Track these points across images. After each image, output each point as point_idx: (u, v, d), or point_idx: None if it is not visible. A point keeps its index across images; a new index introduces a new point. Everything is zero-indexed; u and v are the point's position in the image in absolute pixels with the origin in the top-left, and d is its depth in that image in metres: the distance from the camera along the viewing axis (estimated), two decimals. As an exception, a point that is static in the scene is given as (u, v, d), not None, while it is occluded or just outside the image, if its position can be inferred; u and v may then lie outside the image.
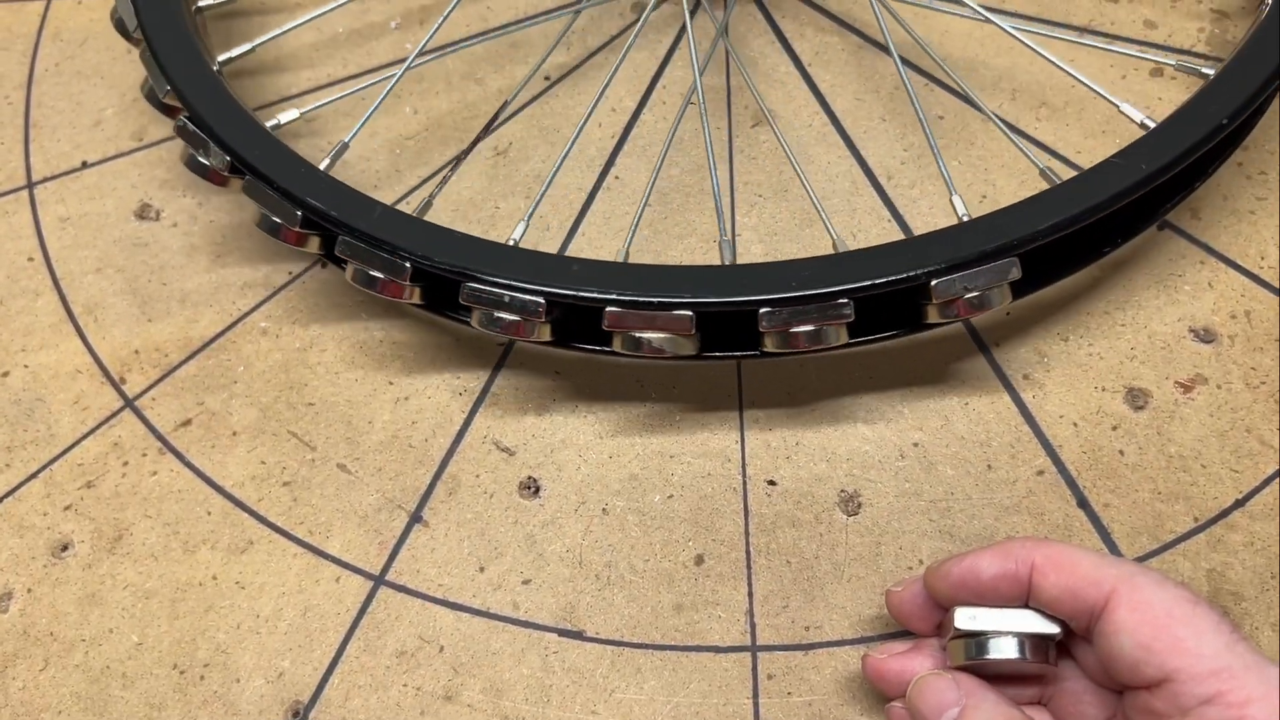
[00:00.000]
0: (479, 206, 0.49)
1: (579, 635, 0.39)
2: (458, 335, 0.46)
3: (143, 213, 0.50)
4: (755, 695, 0.38)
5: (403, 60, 0.51)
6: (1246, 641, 0.29)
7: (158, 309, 0.48)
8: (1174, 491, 0.40)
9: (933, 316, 0.38)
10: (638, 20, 0.53)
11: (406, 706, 0.38)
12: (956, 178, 0.48)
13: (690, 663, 0.39)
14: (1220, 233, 0.45)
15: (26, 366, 0.47)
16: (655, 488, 0.42)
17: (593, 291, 0.38)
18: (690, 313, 0.37)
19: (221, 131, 0.42)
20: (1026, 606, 0.33)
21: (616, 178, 0.49)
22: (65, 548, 0.43)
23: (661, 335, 0.38)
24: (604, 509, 0.42)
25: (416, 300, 0.41)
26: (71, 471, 0.44)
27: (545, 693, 0.38)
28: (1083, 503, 0.40)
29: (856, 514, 0.41)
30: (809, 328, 0.37)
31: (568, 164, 0.50)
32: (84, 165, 0.52)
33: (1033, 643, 0.32)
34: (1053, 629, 0.32)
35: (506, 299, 0.38)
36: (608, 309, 0.38)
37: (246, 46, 0.49)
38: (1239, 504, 0.40)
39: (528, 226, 0.42)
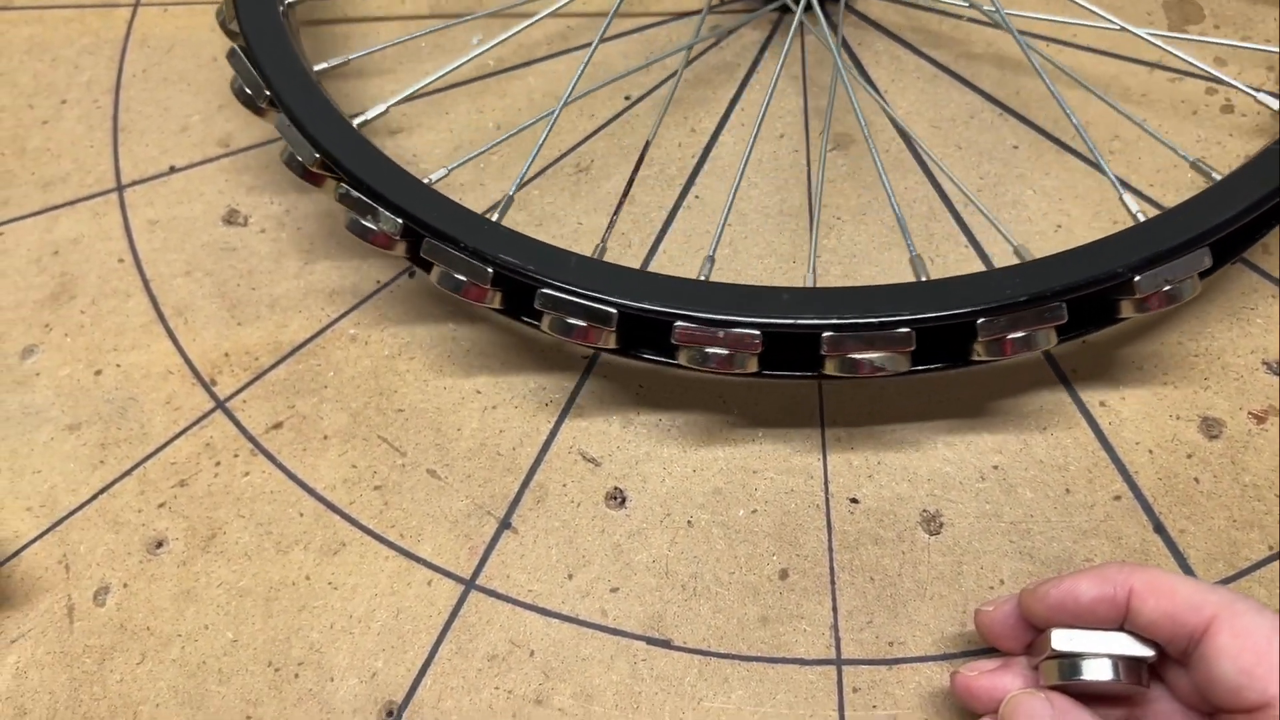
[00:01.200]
0: (561, 221, 0.50)
1: (667, 644, 0.40)
2: (543, 347, 0.47)
3: (230, 218, 0.52)
4: (841, 708, 0.39)
5: (484, 75, 0.53)
6: None
7: (247, 313, 0.49)
8: (1249, 520, 0.41)
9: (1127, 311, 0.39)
10: (716, 42, 0.54)
11: (499, 709, 0.39)
12: (1031, 207, 0.49)
13: (776, 674, 0.40)
14: (1291, 268, 0.47)
15: (119, 366, 0.48)
16: (739, 502, 0.43)
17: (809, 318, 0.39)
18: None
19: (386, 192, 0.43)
20: (1121, 630, 0.34)
21: (697, 197, 0.51)
22: (160, 544, 0.44)
23: (881, 355, 0.38)
24: (689, 521, 0.43)
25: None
26: (164, 470, 0.45)
27: (634, 699, 0.39)
28: (1159, 528, 0.41)
29: (938, 533, 0.42)
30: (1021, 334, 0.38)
31: (648, 183, 0.51)
32: (171, 170, 0.53)
33: (1127, 665, 0.33)
34: (1148, 652, 0.33)
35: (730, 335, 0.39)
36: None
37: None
38: (1313, 534, 0.41)
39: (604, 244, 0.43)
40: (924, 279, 0.41)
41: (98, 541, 0.44)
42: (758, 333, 0.39)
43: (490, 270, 0.40)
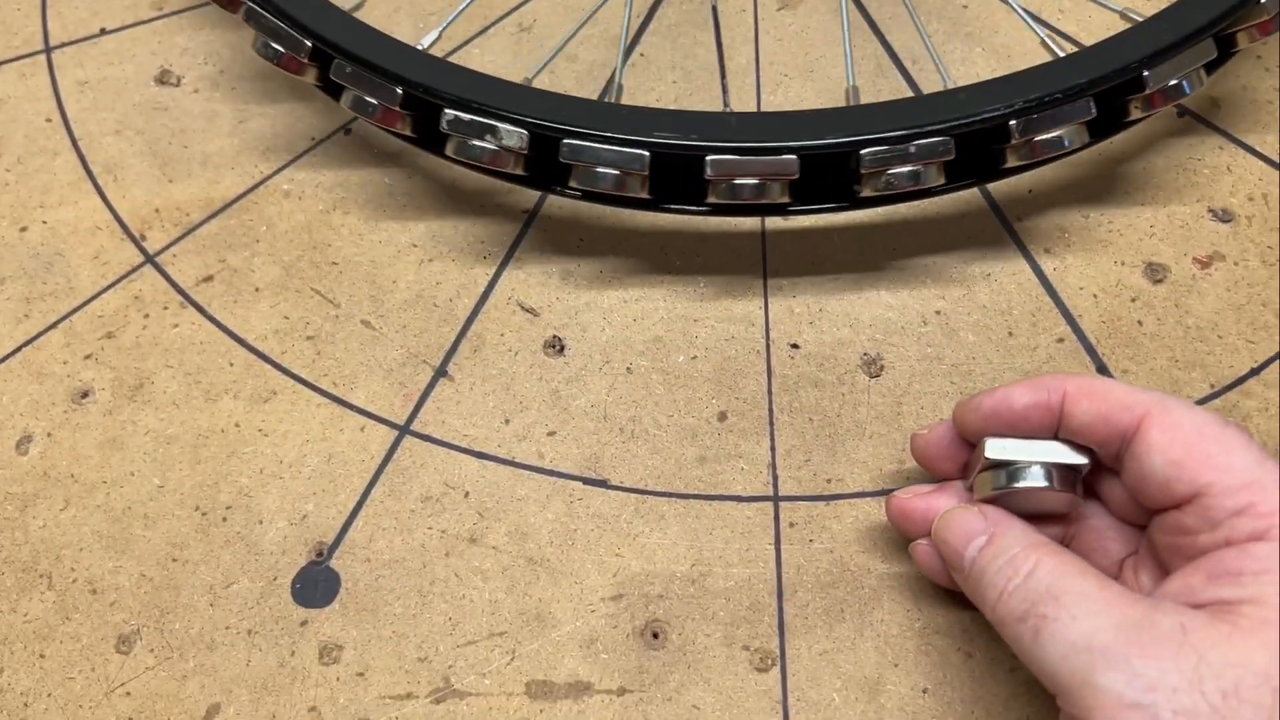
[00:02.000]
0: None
1: (603, 484, 0.40)
2: (483, 201, 0.46)
3: (163, 78, 0.50)
4: (777, 542, 0.38)
5: (429, -67, 0.51)
6: (1274, 460, 0.30)
7: (179, 170, 0.47)
8: (1191, 360, 0.41)
9: (1012, 160, 0.39)
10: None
11: (431, 548, 0.39)
12: (979, 64, 0.48)
13: (713, 511, 0.39)
14: (1239, 120, 0.46)
15: (45, 222, 0.46)
16: (679, 349, 0.42)
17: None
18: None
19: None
20: (1056, 438, 0.33)
21: (642, 55, 0.49)
22: (85, 395, 0.42)
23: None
24: (628, 368, 0.42)
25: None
26: (91, 323, 0.44)
27: (569, 536, 0.39)
28: (1102, 369, 0.41)
29: (879, 376, 0.41)
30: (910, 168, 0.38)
31: (593, 41, 0.50)
32: (102, 32, 0.52)
33: (1061, 472, 0.33)
34: (1081, 459, 0.33)
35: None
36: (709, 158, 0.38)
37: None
38: (1254, 372, 0.40)
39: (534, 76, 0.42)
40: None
41: (20, 392, 0.43)
42: (793, 158, 0.38)
43: (400, 91, 0.39)
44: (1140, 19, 0.41)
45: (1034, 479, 0.33)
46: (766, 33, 0.50)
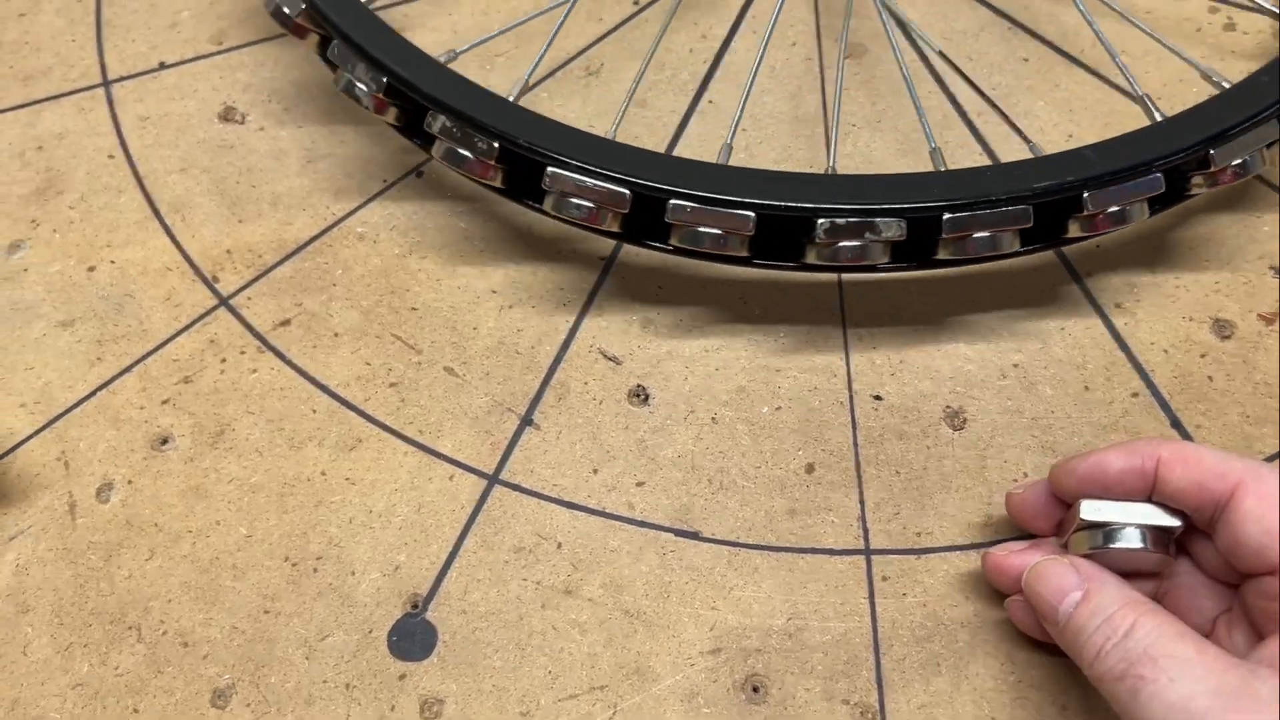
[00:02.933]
0: (572, 124, 0.49)
1: (695, 535, 0.40)
2: (560, 247, 0.46)
3: (227, 115, 0.50)
4: (871, 595, 0.39)
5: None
6: None
7: (248, 210, 0.47)
8: (1261, 415, 0.42)
9: (1074, 231, 0.40)
10: (728, -49, 0.54)
11: (527, 599, 0.39)
12: (1042, 117, 0.49)
13: (806, 564, 0.40)
14: (1295, 179, 0.48)
15: (113, 262, 0.46)
16: (763, 399, 0.43)
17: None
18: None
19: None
20: (1149, 500, 0.34)
21: (710, 102, 0.50)
22: (165, 441, 0.42)
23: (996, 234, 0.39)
24: (713, 418, 0.42)
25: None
26: (167, 367, 0.43)
27: (665, 589, 0.39)
28: (1176, 424, 0.42)
29: (961, 429, 0.42)
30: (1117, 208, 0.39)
31: (660, 87, 0.50)
32: (161, 66, 0.51)
33: (1154, 534, 0.34)
34: (1174, 521, 0.34)
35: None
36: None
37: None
38: (1322, 429, 0.42)
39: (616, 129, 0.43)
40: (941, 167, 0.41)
41: (98, 438, 0.42)
42: (896, 220, 0.39)
43: (497, 145, 0.40)
44: (1227, 84, 0.42)
45: (1128, 540, 0.34)
46: (832, 81, 0.50)
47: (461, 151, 0.41)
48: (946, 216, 0.39)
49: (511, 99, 0.42)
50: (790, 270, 0.43)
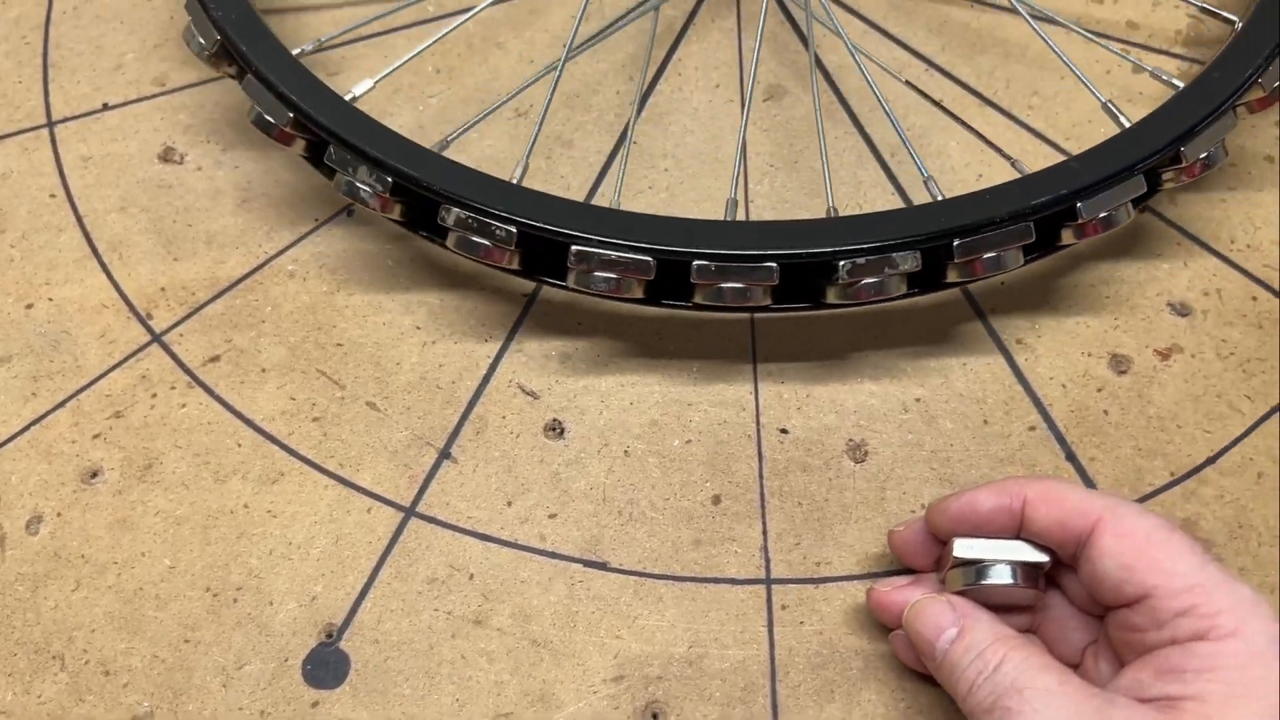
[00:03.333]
0: (503, 165, 0.51)
1: (603, 566, 0.41)
2: (483, 285, 0.48)
3: (166, 156, 0.51)
4: (770, 624, 0.40)
5: (425, 20, 0.53)
6: (1217, 563, 0.33)
7: (184, 249, 0.49)
8: (1153, 449, 0.44)
9: (952, 276, 0.41)
10: (655, -5, 0.56)
11: (438, 629, 0.40)
12: (955, 157, 0.51)
13: (709, 593, 0.41)
14: (1194, 217, 0.49)
15: (51, 300, 0.47)
16: (674, 433, 0.44)
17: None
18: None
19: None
20: (1019, 538, 0.36)
21: (635, 143, 0.52)
22: (95, 474, 0.43)
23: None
24: (626, 451, 0.44)
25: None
26: (99, 402, 0.45)
27: (571, 618, 0.40)
28: (1070, 456, 0.44)
29: (863, 461, 0.44)
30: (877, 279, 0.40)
31: (587, 128, 0.52)
32: (105, 107, 0.53)
33: (1024, 570, 0.36)
34: (1042, 557, 0.36)
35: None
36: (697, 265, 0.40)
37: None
38: (1210, 461, 0.43)
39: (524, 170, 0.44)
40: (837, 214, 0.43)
41: (30, 472, 0.43)
42: (773, 265, 0.40)
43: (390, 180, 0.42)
44: (1128, 123, 0.44)
45: (999, 576, 0.35)
46: (753, 123, 0.52)
47: (360, 186, 0.42)
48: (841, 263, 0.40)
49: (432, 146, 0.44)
50: (688, 310, 0.45)
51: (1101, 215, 0.41)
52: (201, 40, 0.46)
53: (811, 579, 0.41)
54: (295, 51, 0.46)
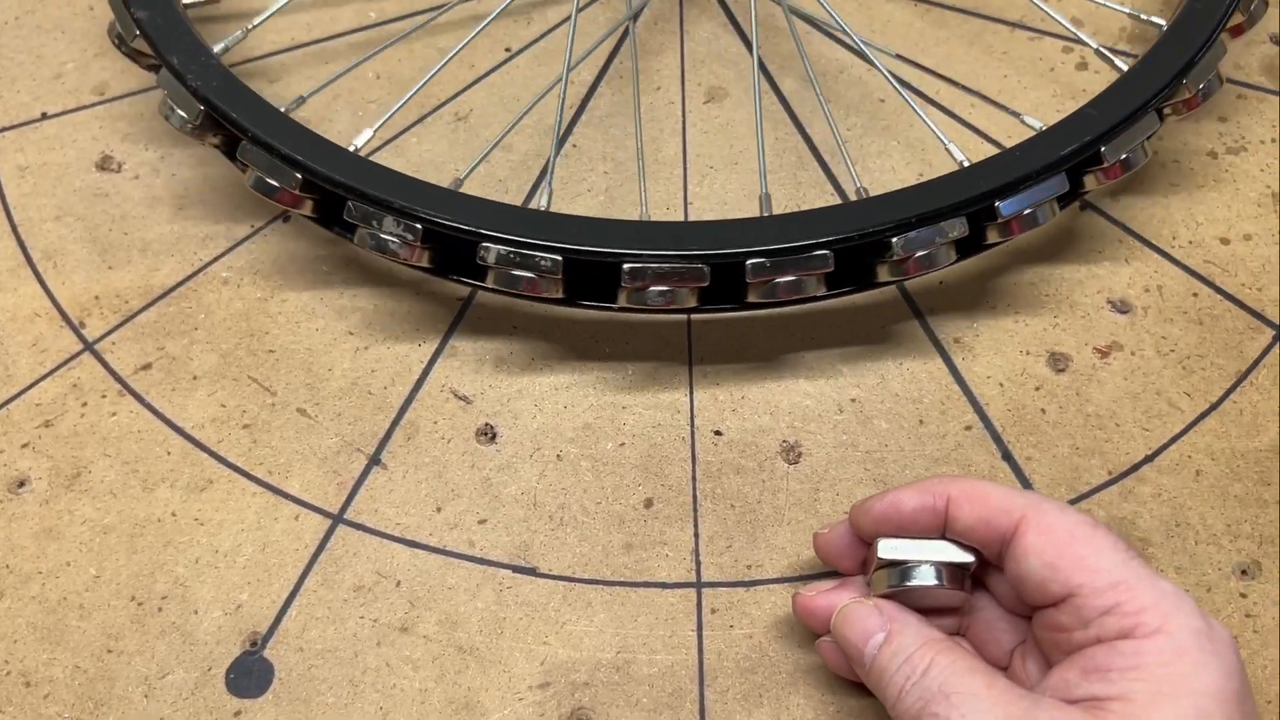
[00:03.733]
0: (440, 169, 0.50)
1: (532, 571, 0.41)
2: (418, 290, 0.47)
3: (104, 164, 0.51)
4: (700, 628, 0.40)
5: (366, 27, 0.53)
6: (1141, 559, 0.32)
7: (119, 257, 0.48)
8: (1090, 447, 0.43)
9: (883, 275, 0.41)
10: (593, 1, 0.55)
11: (363, 637, 0.40)
12: (895, 156, 0.51)
13: (638, 598, 0.41)
14: (1136, 214, 0.49)
15: (-17, 309, 0.47)
16: (608, 436, 0.44)
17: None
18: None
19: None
20: (944, 538, 0.35)
21: (575, 146, 0.51)
22: (22, 484, 0.43)
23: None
24: (558, 455, 0.43)
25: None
26: (29, 411, 0.45)
27: (499, 625, 0.40)
28: (1007, 455, 0.43)
29: (797, 463, 0.43)
30: (791, 278, 0.40)
31: (527, 132, 0.52)
32: (44, 116, 0.53)
33: (949, 571, 0.35)
34: (967, 558, 0.35)
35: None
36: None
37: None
38: (1148, 459, 0.43)
39: (466, 178, 0.44)
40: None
41: (-43, 482, 0.43)
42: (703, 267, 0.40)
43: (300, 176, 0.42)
44: (1040, 128, 0.43)
45: (924, 578, 0.35)
46: (694, 125, 0.52)
47: (270, 181, 0.42)
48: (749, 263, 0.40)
49: (354, 148, 0.44)
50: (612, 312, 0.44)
51: (1025, 211, 0.41)
52: (183, 114, 0.44)
53: (742, 582, 0.41)
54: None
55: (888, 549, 0.35)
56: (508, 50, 0.54)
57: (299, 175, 0.42)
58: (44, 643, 0.40)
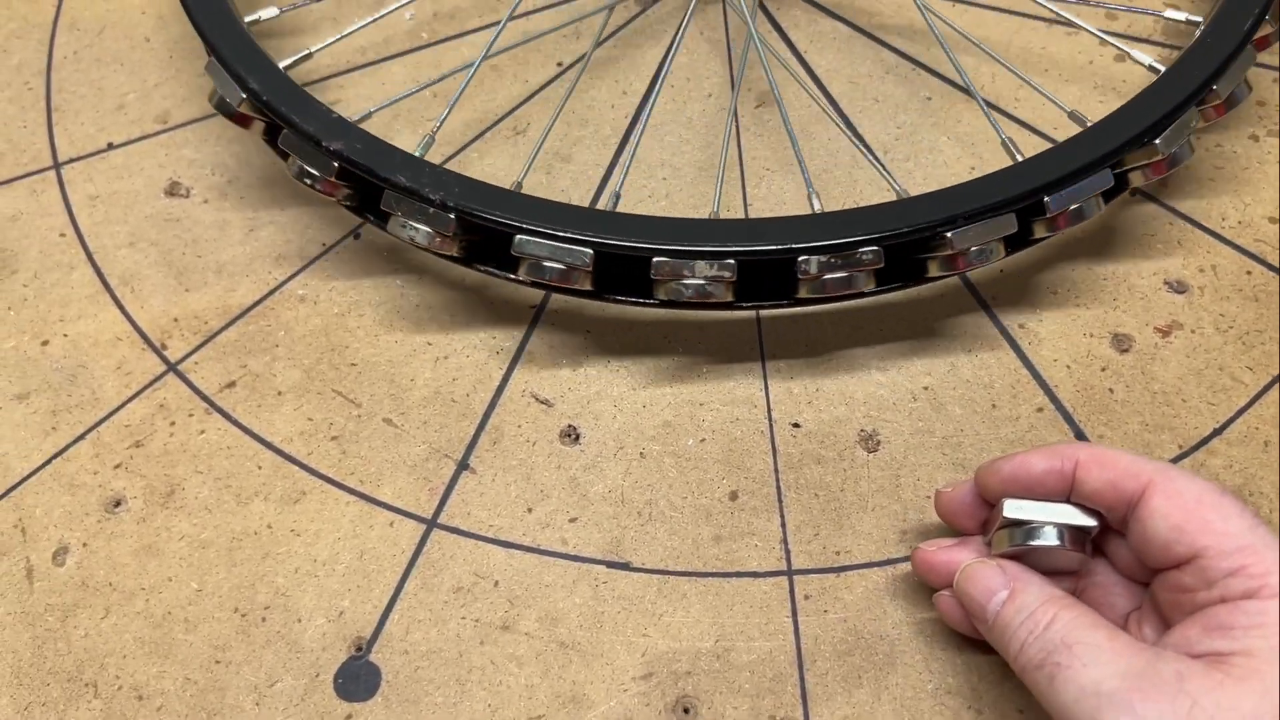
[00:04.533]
0: (503, 181, 0.51)
1: (626, 566, 0.42)
2: (491, 298, 0.48)
3: (173, 190, 0.52)
4: (794, 614, 0.41)
5: (418, 47, 0.55)
6: (1265, 525, 0.33)
7: (194, 279, 0.49)
8: (1159, 423, 0.44)
9: (934, 270, 0.42)
10: (642, 12, 0.57)
11: (466, 637, 0.41)
12: (947, 152, 0.52)
13: (732, 588, 0.41)
14: (1185, 199, 0.50)
15: (66, 335, 0.48)
16: (688, 433, 0.45)
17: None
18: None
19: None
20: (1068, 502, 0.36)
21: (632, 155, 0.52)
22: (118, 504, 0.44)
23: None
24: (641, 453, 0.44)
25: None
26: (119, 433, 0.45)
27: (598, 619, 0.41)
28: (1080, 435, 0.44)
29: (876, 451, 0.44)
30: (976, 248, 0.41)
31: (585, 143, 0.53)
32: (110, 146, 0.54)
33: (1072, 533, 0.36)
34: (1090, 521, 0.36)
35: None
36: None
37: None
38: (1217, 433, 0.44)
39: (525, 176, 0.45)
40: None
41: (54, 504, 0.44)
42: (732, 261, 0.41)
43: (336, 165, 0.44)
44: (1088, 123, 0.45)
45: (1047, 538, 0.36)
46: (747, 129, 0.53)
47: (310, 170, 0.44)
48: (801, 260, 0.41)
49: (420, 153, 0.45)
50: (712, 309, 0.45)
51: (1071, 208, 0.42)
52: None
53: (832, 568, 0.42)
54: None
55: (1013, 509, 0.36)
56: (559, 65, 0.56)
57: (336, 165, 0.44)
58: (153, 657, 0.41)
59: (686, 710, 0.39)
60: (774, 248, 0.41)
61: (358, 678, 0.40)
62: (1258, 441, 0.44)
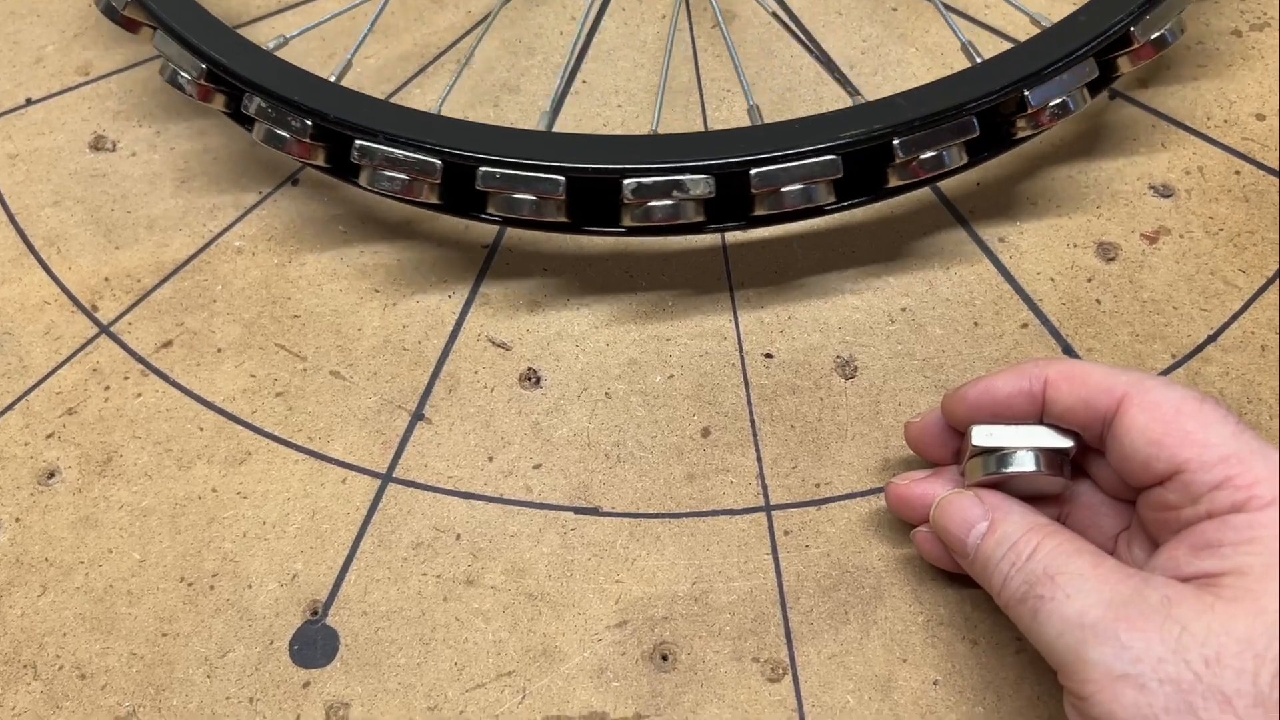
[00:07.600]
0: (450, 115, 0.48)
1: (595, 511, 0.40)
2: (440, 240, 0.46)
3: (98, 144, 0.49)
4: (774, 551, 0.39)
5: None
6: (1251, 431, 0.31)
7: (124, 236, 0.46)
8: (1151, 333, 0.42)
9: (894, 180, 0.40)
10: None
11: (428, 594, 0.38)
12: (915, 64, 0.49)
13: (708, 527, 0.39)
14: (1167, 99, 0.48)
15: (-11, 302, 0.45)
16: (655, 369, 0.42)
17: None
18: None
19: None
20: (1041, 423, 0.34)
21: (584, 82, 0.50)
22: (52, 475, 0.41)
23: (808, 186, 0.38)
24: (607, 393, 0.42)
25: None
26: (50, 400, 0.43)
27: (568, 568, 0.38)
28: (1068, 349, 0.42)
29: (853, 377, 0.42)
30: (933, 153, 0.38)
31: (533, 72, 0.50)
32: (28, 102, 0.50)
33: (1048, 456, 0.33)
34: (1066, 442, 0.33)
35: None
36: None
37: None
38: (1211, 339, 0.42)
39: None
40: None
41: (-17, 479, 0.41)
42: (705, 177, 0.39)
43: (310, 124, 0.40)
44: (1048, 24, 0.42)
45: (1022, 464, 0.33)
46: (705, 50, 0.50)
47: (279, 132, 0.40)
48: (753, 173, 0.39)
49: (332, 78, 0.42)
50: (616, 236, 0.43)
51: (1054, 103, 0.39)
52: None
53: (812, 501, 0.39)
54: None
55: (982, 436, 0.34)
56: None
57: (309, 124, 0.40)
58: (95, 633, 0.38)
59: (665, 657, 0.37)
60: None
61: (314, 643, 0.38)
62: (1255, 346, 0.41)
